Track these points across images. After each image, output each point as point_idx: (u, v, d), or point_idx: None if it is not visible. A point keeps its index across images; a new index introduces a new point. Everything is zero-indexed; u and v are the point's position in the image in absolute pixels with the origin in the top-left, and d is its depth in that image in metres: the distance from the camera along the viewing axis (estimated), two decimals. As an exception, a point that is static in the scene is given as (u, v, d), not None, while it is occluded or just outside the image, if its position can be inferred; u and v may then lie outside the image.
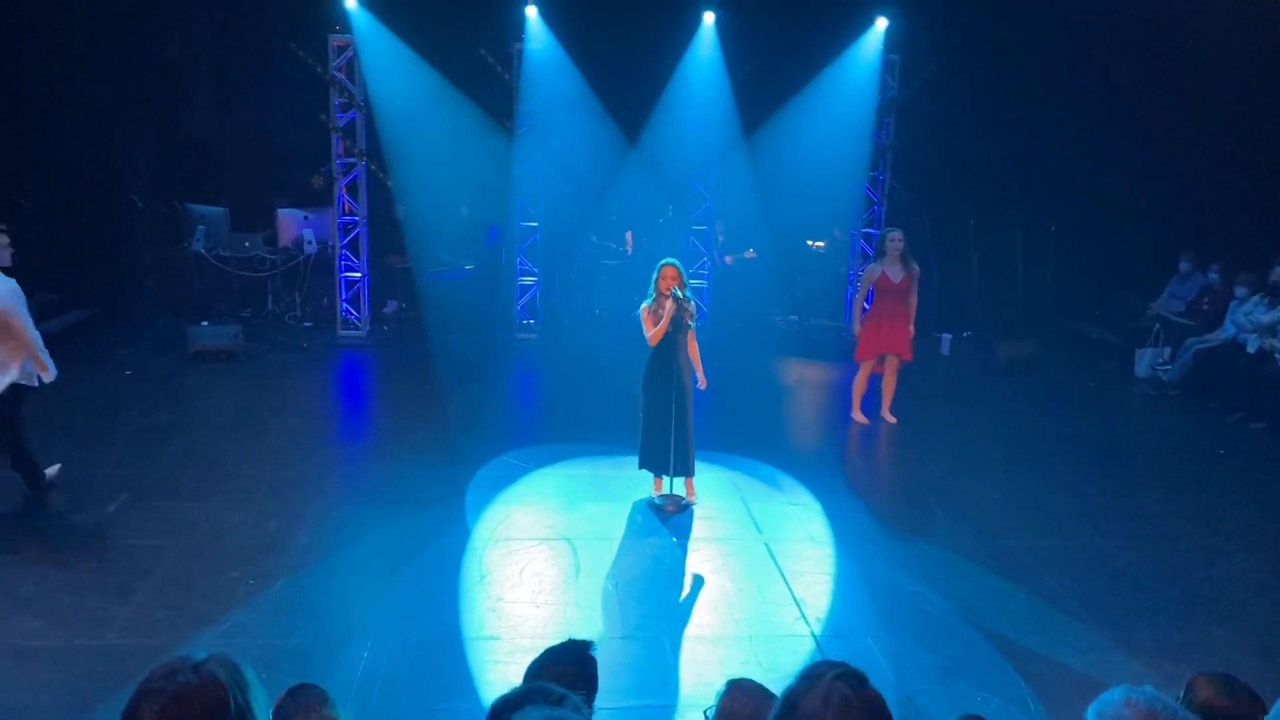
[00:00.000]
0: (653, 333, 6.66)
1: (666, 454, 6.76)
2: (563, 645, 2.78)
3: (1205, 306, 10.93)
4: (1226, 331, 10.27)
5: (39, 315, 10.95)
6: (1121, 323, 12.18)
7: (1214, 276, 11.03)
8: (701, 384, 6.93)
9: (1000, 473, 7.89)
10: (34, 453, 6.69)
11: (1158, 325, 11.23)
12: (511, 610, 5.38)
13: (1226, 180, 11.59)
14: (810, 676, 1.86)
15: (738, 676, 2.71)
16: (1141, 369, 11.12)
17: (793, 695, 1.86)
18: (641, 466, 6.98)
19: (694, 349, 6.89)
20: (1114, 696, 2.06)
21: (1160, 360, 10.96)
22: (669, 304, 6.59)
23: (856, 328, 8.99)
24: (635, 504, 6.93)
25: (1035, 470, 7.98)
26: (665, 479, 6.92)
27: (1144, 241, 12.36)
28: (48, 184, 12.21)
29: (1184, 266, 11.43)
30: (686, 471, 6.89)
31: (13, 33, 11.38)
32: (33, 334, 6.48)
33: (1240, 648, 5.17)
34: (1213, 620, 5.50)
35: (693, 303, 6.88)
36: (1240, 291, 10.22)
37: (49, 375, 6.55)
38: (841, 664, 1.87)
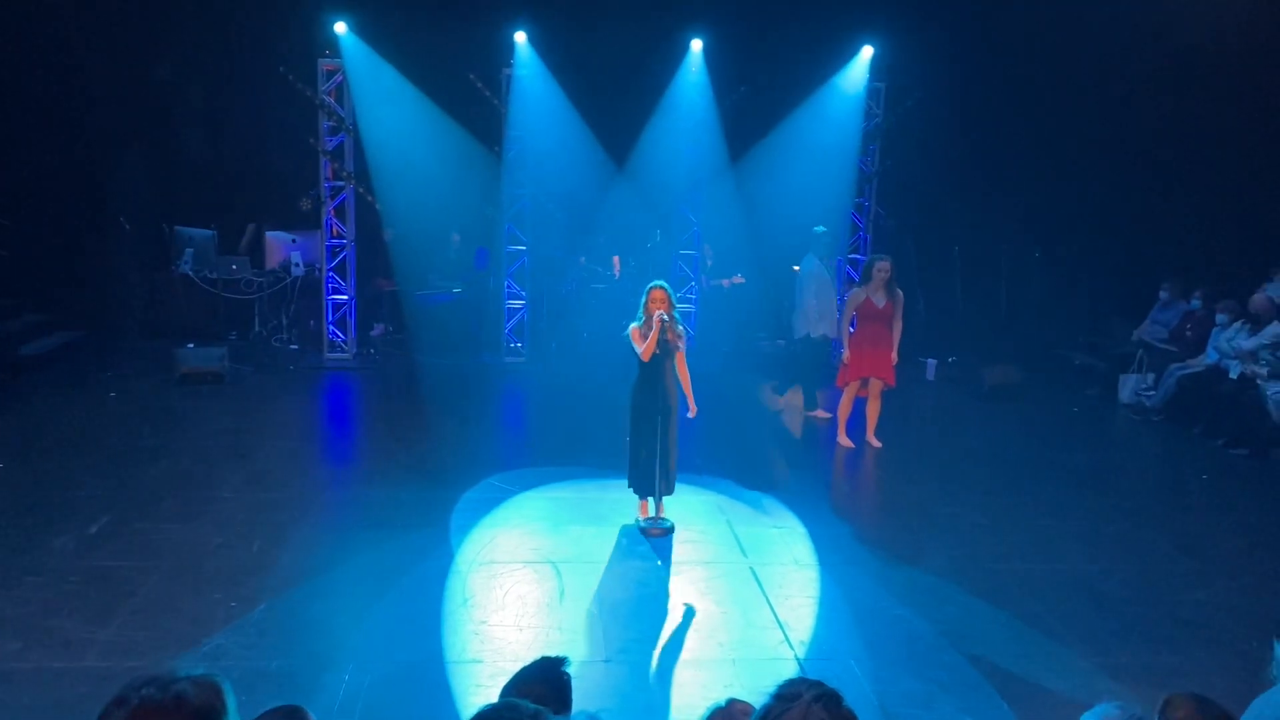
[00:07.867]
0: (644, 347, 6.64)
1: (653, 476, 6.77)
2: (536, 663, 2.77)
3: (1188, 333, 11.02)
4: (1209, 358, 10.36)
5: (25, 336, 11.01)
6: (1106, 349, 12.27)
7: (1196, 304, 11.13)
8: (692, 411, 6.93)
9: (985, 497, 7.91)
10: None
11: (1141, 351, 11.31)
12: (495, 634, 5.35)
13: (1209, 208, 11.72)
14: (786, 696, 1.85)
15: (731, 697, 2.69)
16: (1125, 395, 11.19)
17: (769, 715, 1.85)
18: (630, 486, 6.98)
19: (684, 373, 6.89)
20: (1094, 714, 2.08)
21: (1144, 386, 11.03)
22: (655, 325, 6.61)
23: (846, 353, 9.02)
24: (621, 527, 6.92)
25: (1020, 494, 8.02)
26: (650, 501, 6.92)
27: (1129, 268, 12.48)
28: (35, 205, 12.23)
29: (1163, 295, 11.53)
30: (668, 491, 6.90)
31: (3, 54, 11.41)
32: (826, 304, 10.04)
33: (1223, 671, 5.17)
34: (1196, 644, 5.51)
35: (681, 325, 6.90)
36: (1222, 318, 10.32)
37: (833, 333, 9.97)
38: (817, 683, 1.86)
